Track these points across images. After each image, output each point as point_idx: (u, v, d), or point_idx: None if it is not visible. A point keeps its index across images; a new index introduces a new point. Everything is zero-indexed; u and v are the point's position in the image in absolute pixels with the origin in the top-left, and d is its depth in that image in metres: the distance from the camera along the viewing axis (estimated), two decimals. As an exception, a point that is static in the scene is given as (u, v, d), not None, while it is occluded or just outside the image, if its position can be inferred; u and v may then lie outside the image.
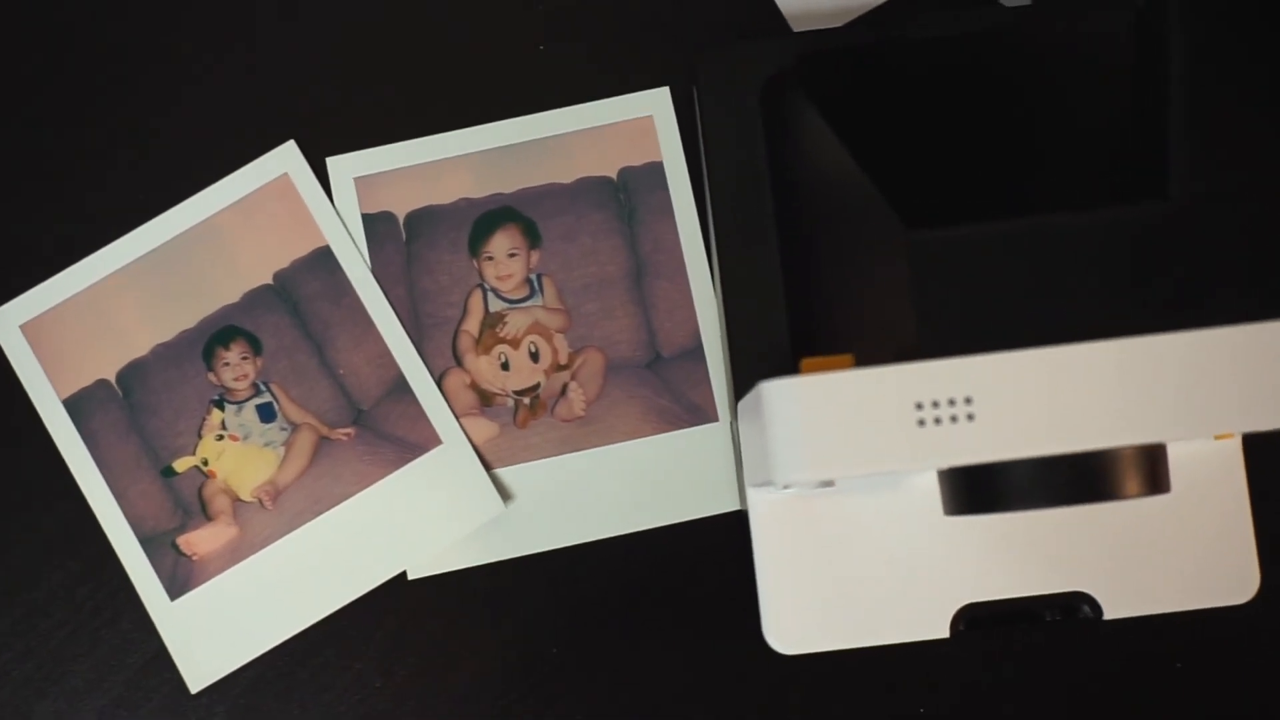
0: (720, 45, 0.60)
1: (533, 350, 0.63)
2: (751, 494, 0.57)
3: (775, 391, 0.47)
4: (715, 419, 0.62)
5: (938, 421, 0.46)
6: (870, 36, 0.59)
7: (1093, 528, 0.57)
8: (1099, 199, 0.51)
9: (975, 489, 0.50)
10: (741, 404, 0.55)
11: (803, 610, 0.58)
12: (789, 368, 0.55)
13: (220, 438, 0.63)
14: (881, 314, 0.51)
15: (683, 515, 0.62)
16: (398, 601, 0.62)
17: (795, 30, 0.64)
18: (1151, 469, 0.49)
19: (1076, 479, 0.48)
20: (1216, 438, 0.53)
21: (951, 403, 0.46)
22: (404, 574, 0.62)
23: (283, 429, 0.63)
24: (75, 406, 0.63)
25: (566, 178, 0.64)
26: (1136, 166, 0.52)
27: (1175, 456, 0.55)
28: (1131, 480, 0.48)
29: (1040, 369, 0.46)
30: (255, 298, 0.63)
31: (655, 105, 0.64)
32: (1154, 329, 0.45)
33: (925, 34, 0.58)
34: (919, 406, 0.46)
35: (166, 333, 0.63)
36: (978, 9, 0.60)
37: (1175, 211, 0.50)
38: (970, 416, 0.46)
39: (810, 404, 0.46)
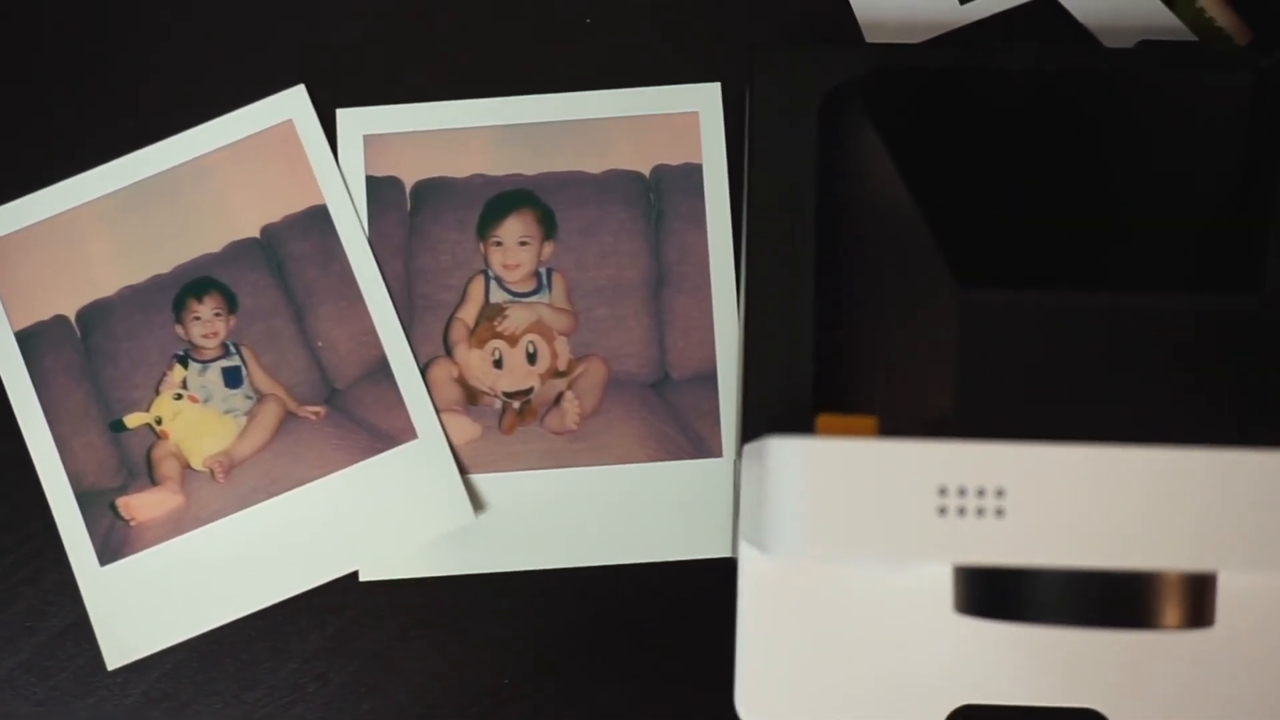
0: (783, 46, 0.54)
1: (530, 350, 0.57)
2: (744, 547, 0.52)
3: (783, 451, 0.41)
4: (719, 455, 0.57)
5: (962, 512, 0.40)
6: (950, 59, 0.53)
7: (1117, 644, 0.51)
8: (1182, 282, 0.44)
9: (994, 592, 0.44)
10: (747, 448, 0.49)
11: (782, 683, 0.52)
12: (805, 418, 0.49)
13: (179, 397, 0.58)
14: (917, 376, 0.45)
15: (668, 554, 0.56)
16: (345, 602, 0.57)
17: (868, 40, 0.58)
18: (1198, 599, 0.43)
19: (1110, 600, 0.42)
20: None
21: (981, 493, 0.40)
22: (356, 574, 0.57)
23: (247, 397, 0.57)
24: (27, 341, 0.58)
25: (595, 167, 0.58)
26: (1230, 251, 0.46)
27: (1225, 586, 0.48)
28: (1173, 609, 0.42)
29: (1089, 469, 0.40)
30: (238, 250, 0.58)
31: (703, 101, 0.58)
32: (1226, 441, 0.40)
33: (1012, 65, 0.52)
34: (942, 492, 0.40)
35: (137, 275, 0.58)
36: (1075, 45, 0.54)
37: (1268, 309, 0.43)
38: (1000, 512, 0.40)
39: (820, 473, 0.40)
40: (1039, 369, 0.43)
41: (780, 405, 0.52)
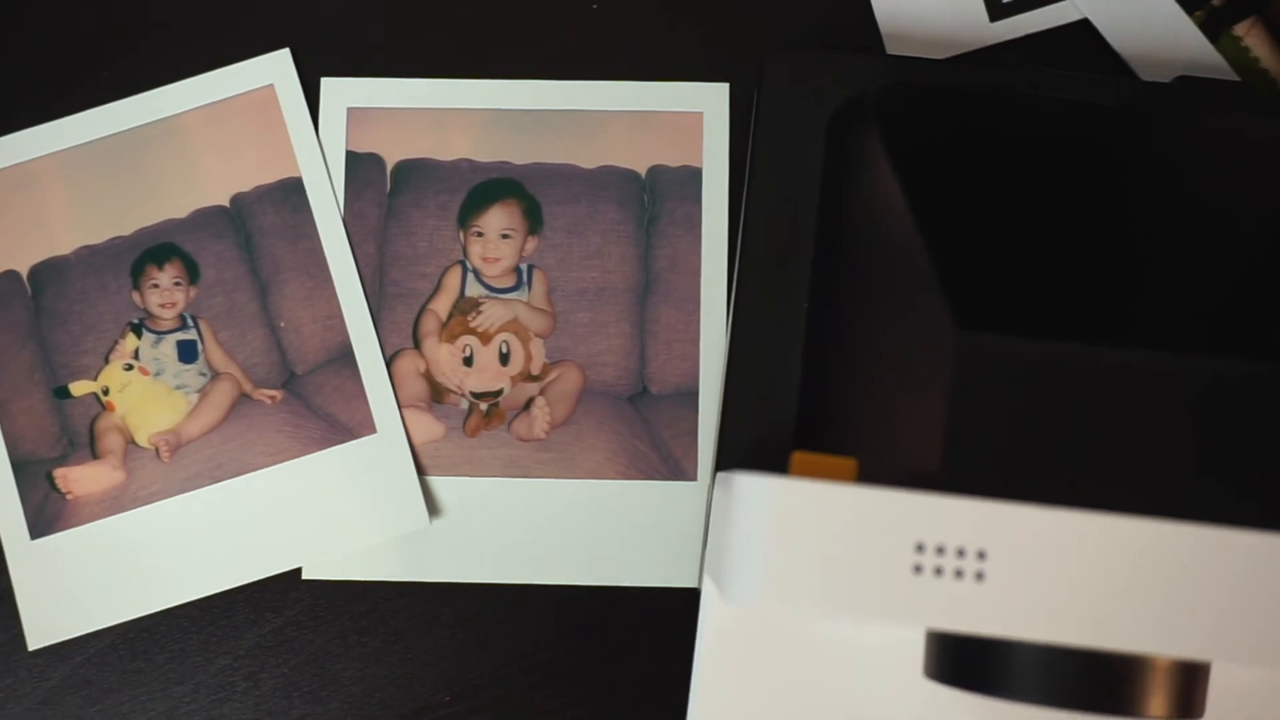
0: (797, 48, 0.51)
1: (504, 350, 0.54)
2: (708, 582, 0.48)
3: (750, 490, 0.38)
4: (693, 478, 0.53)
5: (939, 572, 0.37)
6: (973, 79, 0.49)
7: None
8: (1204, 342, 0.41)
9: (967, 661, 0.41)
10: (720, 478, 0.46)
11: (737, 730, 0.48)
12: (783, 451, 0.46)
13: (129, 368, 0.54)
14: (905, 419, 0.42)
15: (630, 579, 0.53)
16: (285, 600, 0.53)
17: (889, 51, 0.54)
18: (1188, 689, 0.39)
19: (1093, 682, 0.39)
20: None
21: (961, 553, 0.37)
22: (299, 571, 0.53)
23: (201, 374, 0.54)
24: (-26, 295, 0.55)
25: (588, 162, 0.55)
26: (1254, 312, 0.42)
27: (1218, 677, 0.45)
28: (1159, 698, 0.39)
29: (1080, 538, 0.37)
30: (204, 218, 0.55)
31: (709, 102, 0.55)
32: (1241, 522, 0.36)
33: (1037, 91, 0.49)
34: (920, 548, 0.37)
35: (96, 235, 0.55)
36: (1108, 76, 0.51)
37: (1290, 379, 0.40)
38: (980, 575, 0.37)
39: (787, 517, 0.37)
40: (1037, 425, 0.39)
41: (759, 433, 0.48)
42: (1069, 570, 0.37)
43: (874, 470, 0.41)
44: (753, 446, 0.49)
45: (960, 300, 0.40)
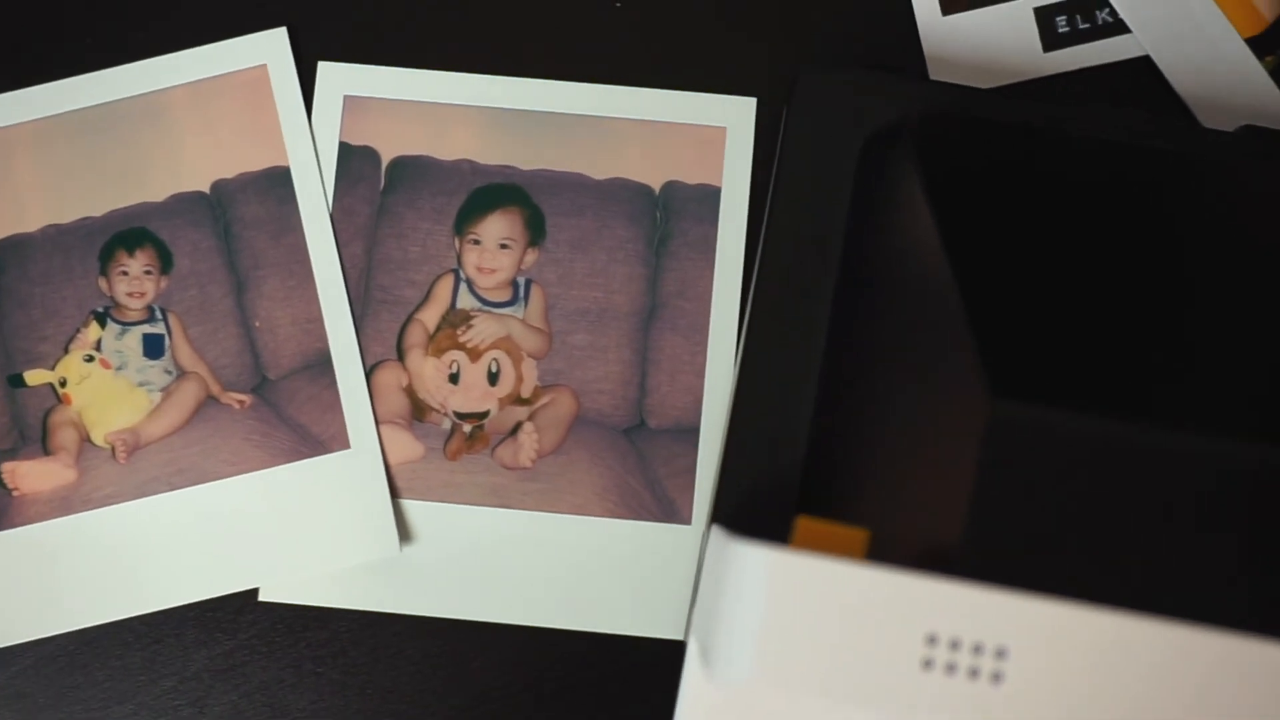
0: (833, 67, 0.47)
1: (493, 369, 0.50)
2: (694, 643, 0.44)
3: (746, 560, 0.34)
4: (687, 522, 0.49)
5: (951, 669, 0.33)
6: (1020, 112, 0.45)
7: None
8: (1254, 427, 0.37)
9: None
10: (714, 532, 0.42)
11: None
12: (787, 510, 0.42)
13: (90, 359, 0.50)
14: (925, 490, 0.37)
15: (613, 626, 0.49)
16: (239, 623, 0.50)
17: (932, 76, 0.50)
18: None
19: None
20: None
21: (978, 649, 0.33)
22: (256, 591, 0.49)
23: (167, 371, 0.50)
24: (-70, 269, 0.51)
25: (599, 172, 0.51)
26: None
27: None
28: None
29: (1115, 641, 0.33)
30: (182, 204, 0.51)
31: (734, 117, 0.51)
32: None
33: (1090, 131, 0.45)
34: (932, 641, 0.33)
35: (65, 214, 0.51)
36: (1167, 120, 0.47)
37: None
38: (997, 676, 0.33)
39: (788, 596, 0.33)
40: (1072, 508, 0.35)
41: (762, 481, 0.44)
42: (1101, 677, 0.33)
43: (886, 544, 0.37)
44: (754, 495, 0.45)
45: (996, 364, 0.36)
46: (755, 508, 0.44)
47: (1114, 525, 0.35)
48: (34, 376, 0.51)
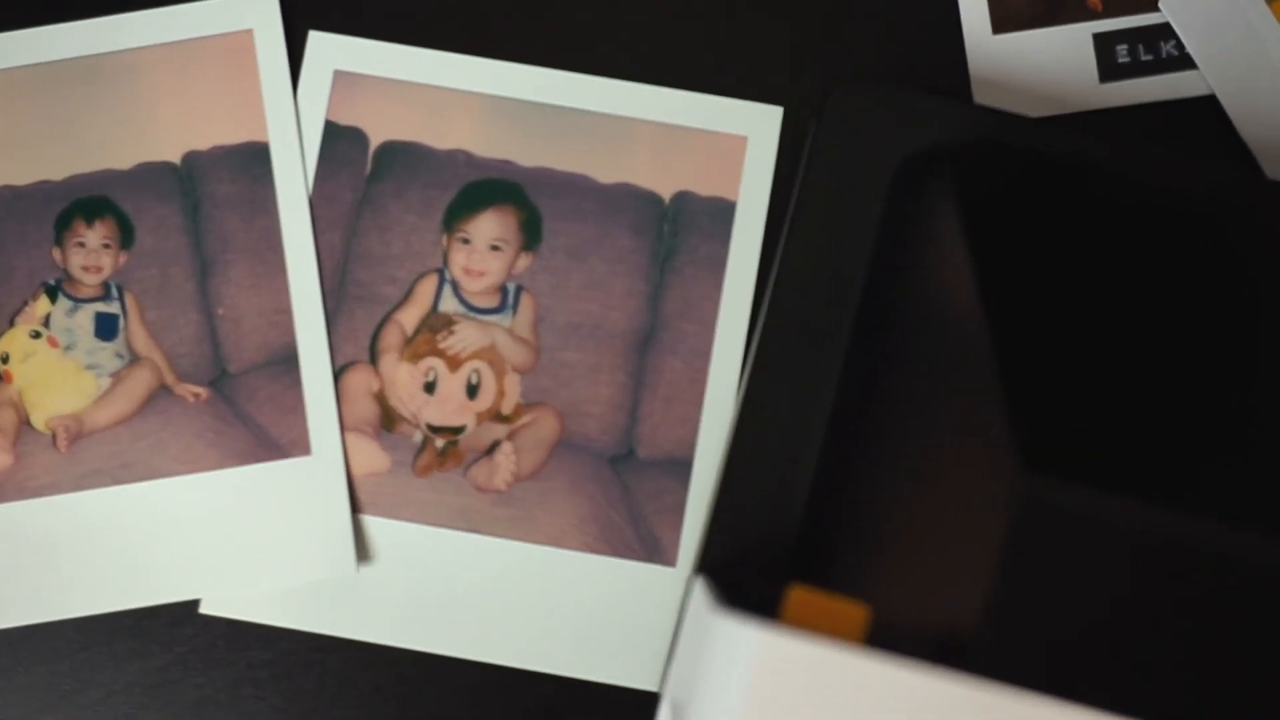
0: (870, 82, 0.43)
1: (473, 381, 0.46)
2: (667, 701, 0.40)
3: (730, 637, 0.30)
4: (671, 564, 0.45)
5: (955, 785, 0.29)
6: (1069, 145, 0.41)
7: None
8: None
9: None
10: (699, 586, 0.37)
11: None
12: (781, 572, 0.37)
13: (37, 335, 0.46)
14: (939, 565, 0.33)
15: (583, 670, 0.45)
16: (176, 635, 0.46)
17: (976, 100, 0.46)
18: None
19: None
20: None
21: (988, 764, 0.29)
22: (197, 602, 0.45)
23: (119, 355, 0.46)
24: None
25: (604, 175, 0.46)
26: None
27: None
28: None
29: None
30: (149, 174, 0.47)
31: (757, 126, 0.47)
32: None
33: (1144, 175, 0.40)
34: (936, 749, 0.29)
35: (21, 175, 0.47)
36: (1227, 166, 0.43)
37: None
38: (1008, 798, 0.29)
39: (774, 682, 0.29)
40: (1105, 604, 0.31)
41: (756, 532, 0.40)
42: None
43: (888, 624, 0.33)
44: (745, 547, 0.41)
45: (1028, 433, 0.32)
46: (745, 562, 0.40)
47: (1150, 627, 0.31)
48: (-26, 350, 0.47)
